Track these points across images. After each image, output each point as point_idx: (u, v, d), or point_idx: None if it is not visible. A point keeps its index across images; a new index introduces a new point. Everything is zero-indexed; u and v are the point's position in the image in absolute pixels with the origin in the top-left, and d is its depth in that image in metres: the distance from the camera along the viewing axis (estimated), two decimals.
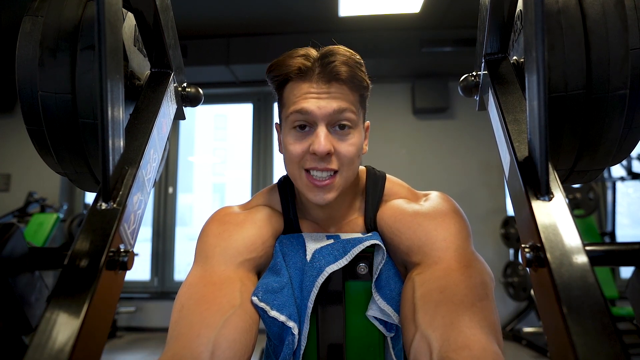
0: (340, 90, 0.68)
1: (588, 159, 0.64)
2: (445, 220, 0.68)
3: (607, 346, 0.35)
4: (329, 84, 0.67)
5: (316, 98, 0.67)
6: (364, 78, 0.71)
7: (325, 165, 0.68)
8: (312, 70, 0.68)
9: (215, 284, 0.65)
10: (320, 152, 0.66)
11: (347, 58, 0.68)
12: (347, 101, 0.68)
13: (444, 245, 0.65)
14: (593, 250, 0.51)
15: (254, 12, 3.12)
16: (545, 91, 0.43)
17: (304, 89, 0.68)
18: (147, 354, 3.08)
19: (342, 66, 0.67)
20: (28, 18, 0.62)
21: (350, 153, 0.69)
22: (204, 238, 0.73)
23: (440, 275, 0.61)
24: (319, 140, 0.66)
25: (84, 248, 0.46)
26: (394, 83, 3.78)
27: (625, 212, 9.21)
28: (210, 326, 0.58)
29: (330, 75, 0.67)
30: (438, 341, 0.53)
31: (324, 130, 0.67)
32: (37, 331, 0.38)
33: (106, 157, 0.49)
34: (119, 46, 0.51)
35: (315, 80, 0.68)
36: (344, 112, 0.67)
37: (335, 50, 0.69)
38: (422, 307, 0.58)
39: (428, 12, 3.05)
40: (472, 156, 3.70)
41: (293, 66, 0.68)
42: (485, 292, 0.58)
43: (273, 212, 0.80)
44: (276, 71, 0.71)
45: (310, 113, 0.67)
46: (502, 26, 0.68)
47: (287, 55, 0.71)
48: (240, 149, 17.08)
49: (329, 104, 0.67)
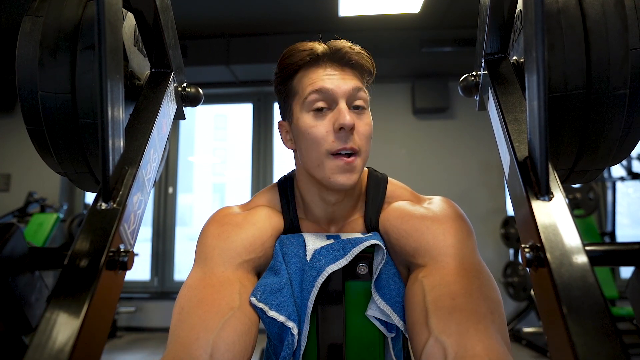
0: (352, 74, 0.72)
1: (588, 159, 0.64)
2: (453, 226, 0.68)
3: (607, 346, 0.35)
4: (342, 68, 0.72)
5: (332, 79, 0.70)
6: (372, 64, 0.75)
7: (350, 144, 0.69)
8: (323, 58, 0.72)
9: (214, 286, 0.65)
10: (347, 124, 0.67)
11: (354, 46, 0.73)
12: (360, 82, 0.73)
13: (452, 251, 0.65)
14: (593, 250, 0.51)
15: (254, 12, 3.12)
16: (545, 91, 0.43)
17: (318, 73, 0.71)
18: (147, 354, 3.08)
19: (352, 54, 0.72)
20: (28, 18, 0.62)
21: (367, 132, 0.72)
22: (203, 239, 0.73)
23: (451, 281, 0.61)
24: (343, 114, 0.68)
25: (84, 248, 0.46)
26: (394, 83, 3.78)
27: (625, 212, 9.22)
28: (209, 329, 0.58)
29: (342, 61, 0.72)
30: (453, 347, 0.53)
31: (345, 106, 0.70)
32: (37, 331, 0.38)
33: (106, 157, 0.49)
34: (119, 46, 0.51)
35: (327, 65, 0.72)
36: (360, 91, 0.71)
37: (342, 41, 0.74)
38: (435, 312, 0.58)
39: (428, 12, 3.05)
40: (472, 156, 3.70)
41: (305, 53, 0.72)
42: (496, 305, 0.59)
43: (273, 212, 0.80)
44: (289, 59, 0.73)
45: (330, 91, 0.70)
46: (502, 26, 0.68)
47: (296, 47, 0.74)
48: (240, 149, 17.08)
49: (346, 83, 0.70)
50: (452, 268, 0.63)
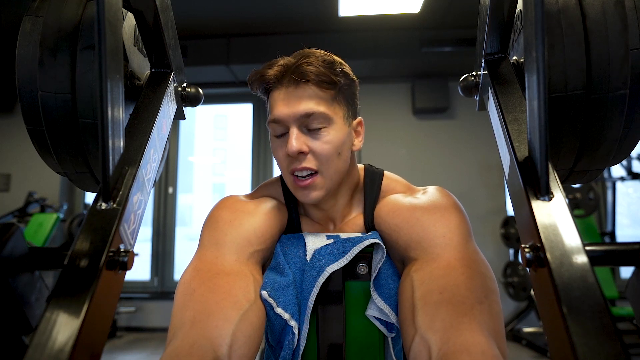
0: (308, 91, 0.69)
1: (588, 159, 0.64)
2: (444, 215, 0.68)
3: (607, 346, 0.35)
4: (297, 85, 0.70)
5: (285, 103, 0.70)
6: (335, 76, 0.70)
7: (302, 165, 0.70)
8: (284, 76, 0.70)
9: (229, 275, 0.65)
10: (291, 152, 0.69)
11: (315, 58, 0.70)
12: (315, 101, 0.69)
13: (443, 241, 0.65)
14: (593, 250, 0.51)
15: (254, 12, 3.12)
16: (545, 91, 0.43)
17: (275, 96, 0.72)
18: (147, 354, 3.08)
19: (309, 67, 0.69)
20: (28, 18, 0.62)
21: (325, 151, 0.70)
22: (213, 224, 0.72)
23: (440, 275, 0.61)
24: (290, 141, 0.69)
25: (84, 248, 0.46)
26: (394, 83, 3.78)
27: (625, 212, 9.21)
28: (228, 319, 0.58)
29: (297, 76, 0.69)
30: (437, 344, 0.52)
31: (294, 132, 0.69)
32: (37, 331, 0.38)
33: (106, 157, 0.49)
34: (119, 46, 0.51)
35: (285, 84, 0.70)
36: (312, 115, 0.69)
37: (308, 52, 0.72)
38: (422, 309, 0.57)
39: (428, 12, 3.05)
40: (472, 156, 3.70)
41: (267, 75, 0.71)
42: (486, 294, 0.58)
43: (280, 204, 0.80)
44: (255, 83, 0.74)
45: (281, 120, 0.70)
46: (502, 26, 0.68)
47: (266, 66, 0.73)
48: (240, 149, 17.09)
49: (295, 108, 0.69)
50: (443, 260, 0.63)
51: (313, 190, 0.72)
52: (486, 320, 0.54)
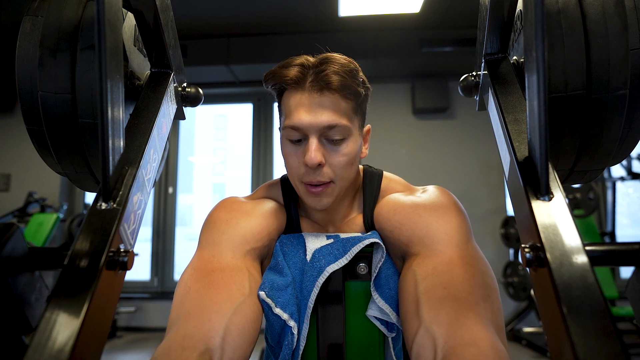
0: (332, 99, 0.68)
1: (588, 159, 0.64)
2: (446, 213, 0.68)
3: (607, 346, 0.35)
4: (321, 92, 0.68)
5: (307, 111, 0.68)
6: (358, 87, 0.70)
7: (318, 178, 0.70)
8: (305, 79, 0.69)
9: (224, 271, 0.66)
10: (311, 164, 0.68)
11: (340, 66, 0.68)
12: (339, 112, 0.68)
13: (446, 238, 0.65)
14: (593, 250, 0.51)
15: (254, 12, 3.12)
16: (545, 91, 0.43)
17: (296, 100, 0.69)
18: (147, 354, 3.08)
19: (334, 75, 0.67)
20: (28, 18, 0.62)
21: (342, 163, 0.70)
22: (211, 224, 0.73)
23: (444, 270, 0.61)
24: (310, 152, 0.68)
25: (84, 248, 0.46)
26: (394, 83, 3.78)
27: (625, 212, 9.21)
28: (222, 312, 0.59)
29: (322, 84, 0.67)
30: (443, 337, 0.52)
31: (314, 143, 0.68)
32: (37, 331, 0.38)
33: (106, 157, 0.49)
34: (119, 46, 0.51)
35: (307, 89, 0.68)
36: (334, 128, 0.68)
37: (331, 58, 0.70)
38: (427, 302, 0.58)
39: (428, 12, 3.05)
40: (472, 156, 3.70)
41: (287, 76, 0.69)
42: (488, 291, 0.58)
43: (279, 206, 0.81)
44: (271, 81, 0.72)
45: (302, 128, 0.68)
46: (502, 26, 0.68)
47: (284, 65, 0.71)
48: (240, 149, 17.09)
49: (319, 118, 0.67)
50: (446, 256, 0.63)
51: (324, 197, 0.72)
52: (490, 317, 0.55)
